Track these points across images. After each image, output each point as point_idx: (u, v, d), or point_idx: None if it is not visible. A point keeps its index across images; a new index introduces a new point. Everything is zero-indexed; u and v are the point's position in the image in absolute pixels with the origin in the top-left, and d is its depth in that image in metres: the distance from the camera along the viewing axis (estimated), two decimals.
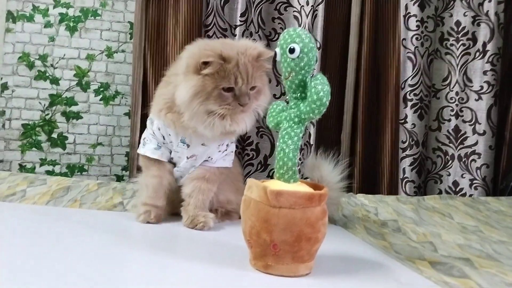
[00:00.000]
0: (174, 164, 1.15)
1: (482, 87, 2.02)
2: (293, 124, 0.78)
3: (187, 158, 1.12)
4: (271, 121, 0.84)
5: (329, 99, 0.75)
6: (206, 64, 0.96)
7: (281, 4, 1.95)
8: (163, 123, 1.11)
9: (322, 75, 0.77)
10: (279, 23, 1.95)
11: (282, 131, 0.79)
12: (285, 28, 1.92)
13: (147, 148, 1.13)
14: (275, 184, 0.77)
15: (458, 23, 2.04)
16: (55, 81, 2.07)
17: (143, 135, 1.17)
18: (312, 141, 1.92)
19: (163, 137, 1.12)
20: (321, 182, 1.10)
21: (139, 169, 1.21)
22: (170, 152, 1.14)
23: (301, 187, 0.78)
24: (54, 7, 2.05)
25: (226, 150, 1.16)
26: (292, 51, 0.76)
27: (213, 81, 0.97)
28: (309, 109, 0.75)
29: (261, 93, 1.05)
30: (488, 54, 1.99)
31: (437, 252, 1.00)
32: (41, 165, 2.07)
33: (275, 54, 0.80)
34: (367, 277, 0.80)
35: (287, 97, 0.82)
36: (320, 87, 0.74)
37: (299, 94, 0.79)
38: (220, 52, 0.97)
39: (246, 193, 0.79)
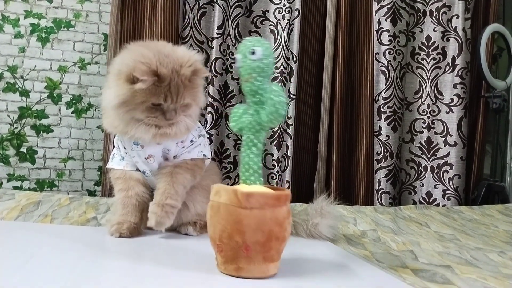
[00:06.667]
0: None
1: (452, 100, 2.08)
2: (255, 132, 0.83)
3: (145, 159, 1.08)
4: (234, 126, 0.87)
5: (285, 109, 0.82)
6: (139, 79, 0.94)
7: (257, 17, 1.96)
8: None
9: (278, 85, 0.83)
10: (255, 37, 1.96)
11: (246, 139, 0.84)
12: None
13: (114, 161, 1.12)
14: (242, 188, 0.79)
15: (428, 38, 2.11)
16: (24, 93, 2.00)
17: (112, 152, 1.15)
18: (289, 153, 1.92)
19: (124, 147, 1.10)
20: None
21: (112, 188, 1.17)
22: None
23: (267, 189, 0.81)
24: (25, 17, 2.00)
25: (191, 145, 1.12)
26: (253, 53, 0.81)
27: (144, 95, 0.96)
28: (267, 119, 0.81)
29: (190, 107, 1.04)
30: (458, 68, 2.06)
31: (418, 260, 1.00)
32: (8, 180, 1.99)
33: (236, 60, 0.84)
34: (352, 284, 0.79)
35: (247, 101, 0.85)
36: (276, 100, 0.80)
37: (258, 98, 0.83)
38: (155, 69, 0.95)
39: (214, 198, 0.80)
